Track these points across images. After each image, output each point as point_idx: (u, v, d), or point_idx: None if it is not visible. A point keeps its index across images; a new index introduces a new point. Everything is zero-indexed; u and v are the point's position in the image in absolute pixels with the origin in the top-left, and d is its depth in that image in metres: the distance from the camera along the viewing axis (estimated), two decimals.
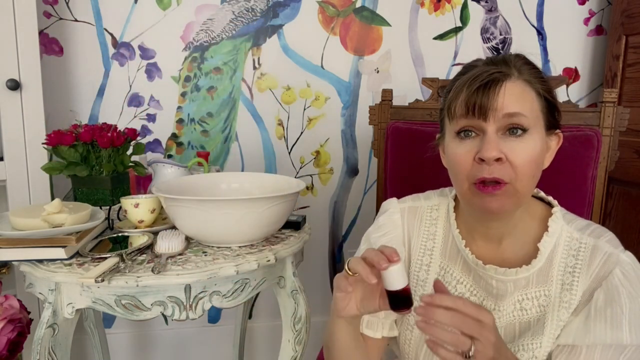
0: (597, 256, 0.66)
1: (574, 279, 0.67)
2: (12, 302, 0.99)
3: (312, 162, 1.74)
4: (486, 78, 0.63)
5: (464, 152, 0.65)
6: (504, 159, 0.62)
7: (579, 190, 1.05)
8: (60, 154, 1.09)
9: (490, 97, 0.62)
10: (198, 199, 0.88)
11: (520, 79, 0.65)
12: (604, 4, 1.77)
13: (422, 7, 1.70)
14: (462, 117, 0.65)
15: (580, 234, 0.69)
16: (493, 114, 0.62)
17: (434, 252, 0.79)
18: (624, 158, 1.35)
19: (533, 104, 0.65)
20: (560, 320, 0.67)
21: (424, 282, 0.79)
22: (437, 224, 0.80)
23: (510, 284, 0.70)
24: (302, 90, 1.69)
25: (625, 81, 1.65)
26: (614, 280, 0.64)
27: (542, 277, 0.69)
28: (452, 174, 0.70)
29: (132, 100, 1.61)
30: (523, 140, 0.63)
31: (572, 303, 0.67)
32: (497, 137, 0.63)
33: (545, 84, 0.67)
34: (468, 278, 0.75)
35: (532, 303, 0.70)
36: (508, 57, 0.68)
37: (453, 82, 0.69)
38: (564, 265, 0.69)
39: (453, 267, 0.77)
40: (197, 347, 1.78)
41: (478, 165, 0.63)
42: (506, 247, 0.72)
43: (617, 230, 0.70)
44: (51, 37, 1.53)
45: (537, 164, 0.65)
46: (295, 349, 0.99)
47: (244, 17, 1.62)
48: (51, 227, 0.87)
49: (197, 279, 0.82)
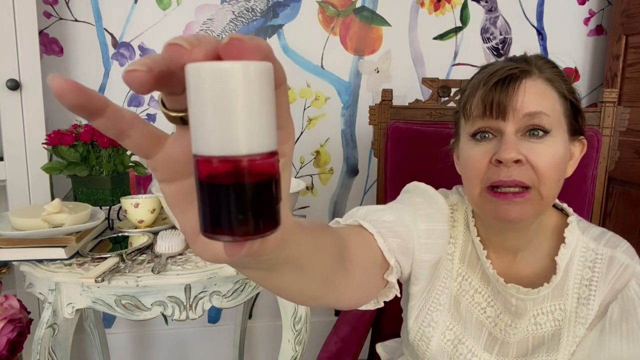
0: (613, 268, 0.63)
1: (590, 293, 0.63)
2: (12, 302, 0.99)
3: (312, 162, 1.74)
4: (505, 73, 0.59)
5: (480, 153, 0.60)
6: (523, 161, 0.57)
7: (579, 190, 1.05)
8: (60, 154, 1.09)
9: (510, 94, 0.57)
10: None
11: (542, 77, 0.60)
12: (604, 4, 1.77)
13: (422, 7, 1.70)
14: (479, 118, 0.60)
15: (596, 244, 0.65)
16: (512, 113, 0.57)
17: (454, 258, 0.71)
18: (624, 158, 1.35)
19: (555, 105, 0.60)
20: (577, 336, 0.64)
21: (446, 289, 0.71)
22: (457, 227, 0.72)
23: (529, 302, 0.66)
24: (302, 90, 1.69)
25: (625, 81, 1.65)
26: (630, 293, 0.60)
27: (558, 291, 0.65)
28: (465, 178, 0.64)
29: (132, 100, 1.61)
30: (545, 142, 0.58)
31: (589, 318, 0.63)
32: (517, 139, 0.58)
33: (568, 85, 0.62)
34: (487, 289, 0.70)
35: (546, 317, 0.66)
36: (528, 56, 0.63)
37: (469, 81, 0.65)
38: (580, 278, 0.65)
39: (472, 275, 0.70)
40: (197, 347, 1.78)
41: (495, 167, 0.58)
42: (521, 260, 0.68)
43: (617, 230, 0.68)
44: (51, 37, 1.53)
45: (560, 169, 0.59)
46: (295, 349, 0.99)
47: (244, 17, 1.62)
48: (51, 227, 0.87)
49: (197, 279, 0.82)
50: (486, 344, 0.70)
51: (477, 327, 0.70)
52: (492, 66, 0.62)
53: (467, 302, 0.71)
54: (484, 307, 0.70)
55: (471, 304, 0.70)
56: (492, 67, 0.61)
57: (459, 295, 0.71)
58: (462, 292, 0.71)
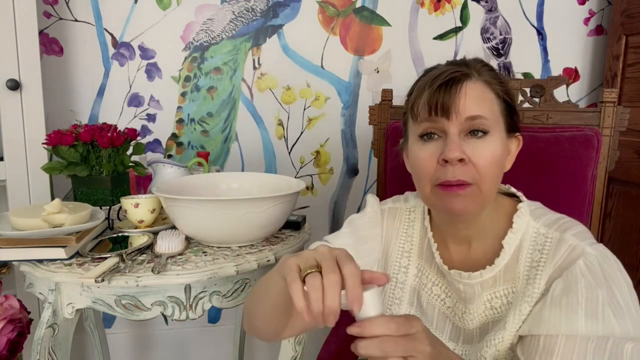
0: (561, 249, 0.65)
1: (537, 273, 0.66)
2: (12, 302, 0.99)
3: (312, 162, 1.74)
4: (448, 76, 0.64)
5: (428, 154, 0.66)
6: (467, 160, 0.63)
7: (579, 190, 1.05)
8: (60, 154, 1.09)
9: (452, 96, 0.63)
10: (198, 199, 0.88)
11: (481, 79, 0.66)
12: (604, 4, 1.77)
13: (422, 7, 1.70)
14: (425, 119, 0.66)
15: (547, 229, 0.68)
16: (455, 114, 0.63)
17: (412, 254, 0.80)
18: (624, 158, 1.35)
19: (493, 106, 0.66)
20: (522, 314, 0.66)
21: (402, 284, 0.79)
22: (414, 226, 0.81)
23: (477, 286, 0.70)
24: (302, 90, 1.69)
25: (625, 81, 1.65)
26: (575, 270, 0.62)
27: (510, 275, 0.69)
28: (415, 177, 0.70)
29: (132, 100, 1.61)
30: (485, 141, 0.64)
31: (534, 296, 0.65)
32: (460, 139, 0.64)
33: (504, 86, 0.68)
34: (443, 280, 0.75)
35: (501, 301, 0.70)
36: (467, 60, 0.69)
37: (415, 84, 0.70)
38: (530, 261, 0.68)
39: (429, 269, 0.77)
40: (197, 347, 1.78)
41: (442, 167, 0.64)
42: (476, 249, 0.72)
43: (617, 230, 0.69)
44: (51, 37, 1.53)
45: (499, 165, 0.66)
46: (295, 349, 0.98)
47: (244, 17, 1.62)
48: (51, 227, 0.87)
49: (197, 279, 0.82)
50: (451, 334, 0.74)
51: (441, 320, 0.75)
52: (436, 70, 0.67)
53: (427, 295, 0.77)
54: (443, 298, 0.75)
55: (431, 296, 0.76)
56: (436, 71, 0.67)
57: (420, 289, 0.78)
58: (422, 286, 0.77)
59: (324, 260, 0.51)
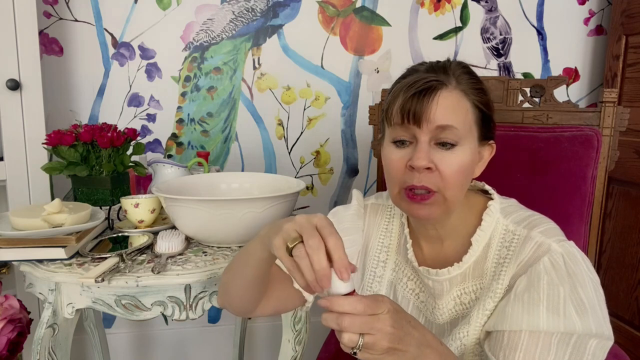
0: (527, 246, 0.65)
1: (502, 269, 0.67)
2: (12, 302, 0.99)
3: (312, 162, 1.74)
4: (422, 86, 0.65)
5: (398, 158, 0.68)
6: (433, 168, 0.65)
7: (579, 190, 1.05)
8: (60, 154, 1.09)
9: (424, 104, 0.64)
10: (198, 199, 0.88)
11: (458, 88, 0.66)
12: (604, 4, 1.77)
13: (422, 7, 1.70)
14: (398, 125, 0.67)
15: (516, 226, 0.69)
16: (426, 123, 0.64)
17: (390, 250, 0.82)
18: (624, 158, 1.35)
19: (467, 116, 0.66)
20: (486, 309, 0.67)
21: (380, 278, 0.82)
22: (393, 222, 0.83)
23: (445, 282, 0.72)
24: (302, 90, 1.69)
25: (625, 81, 1.65)
26: (539, 267, 0.62)
27: (478, 271, 0.70)
28: (386, 178, 0.72)
29: (132, 100, 1.61)
30: (453, 152, 0.65)
31: (498, 292, 0.67)
32: (429, 147, 0.65)
33: (481, 96, 0.68)
34: (417, 276, 0.78)
35: (470, 297, 0.71)
36: (449, 64, 0.69)
37: (395, 84, 0.71)
38: (498, 257, 0.69)
39: (405, 264, 0.80)
40: (197, 347, 1.78)
41: (409, 172, 0.66)
42: (448, 246, 0.74)
43: (617, 230, 0.69)
44: (51, 37, 1.53)
45: (465, 174, 0.67)
46: (295, 349, 0.99)
47: (244, 17, 1.62)
48: (51, 227, 0.87)
49: (197, 279, 0.82)
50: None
51: (415, 313, 0.78)
52: (414, 75, 0.68)
53: (403, 289, 0.80)
54: (417, 292, 0.78)
55: (406, 290, 0.79)
56: (412, 78, 0.67)
57: (396, 283, 0.81)
58: (398, 280, 0.80)
59: (304, 229, 0.54)
